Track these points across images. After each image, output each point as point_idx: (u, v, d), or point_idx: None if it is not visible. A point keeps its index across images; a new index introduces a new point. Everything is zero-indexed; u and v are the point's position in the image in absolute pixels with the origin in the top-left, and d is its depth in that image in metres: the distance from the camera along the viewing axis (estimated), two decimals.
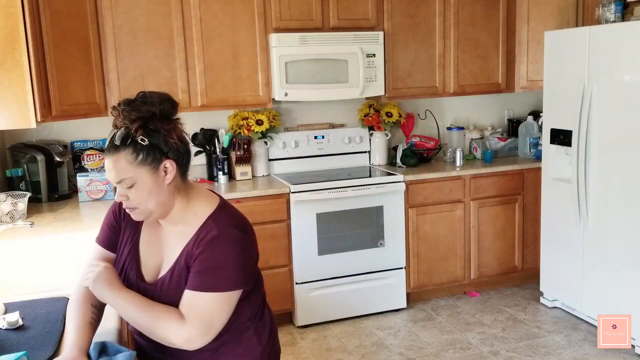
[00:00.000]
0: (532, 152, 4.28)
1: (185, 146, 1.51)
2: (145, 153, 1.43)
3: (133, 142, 1.43)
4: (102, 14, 3.32)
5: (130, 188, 1.45)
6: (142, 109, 1.43)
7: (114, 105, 1.46)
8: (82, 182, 3.34)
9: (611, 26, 3.38)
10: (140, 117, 1.42)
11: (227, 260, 1.48)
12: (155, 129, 1.44)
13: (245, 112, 3.86)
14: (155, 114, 1.44)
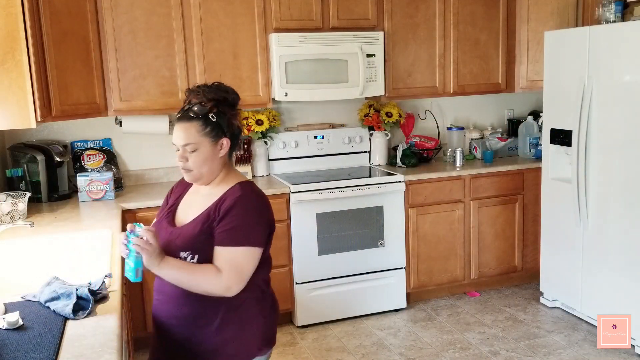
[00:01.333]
0: (532, 152, 4.28)
1: (240, 132, 1.84)
2: (211, 127, 1.76)
3: (205, 117, 1.75)
4: (102, 14, 3.32)
5: (192, 152, 1.76)
6: (218, 93, 1.78)
7: (191, 87, 1.81)
8: (82, 182, 3.34)
9: (611, 26, 3.38)
10: (215, 99, 1.76)
11: (252, 220, 1.76)
12: (223, 111, 1.77)
13: (245, 112, 3.86)
14: (226, 99, 1.79)
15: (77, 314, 1.63)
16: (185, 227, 1.81)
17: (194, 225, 1.78)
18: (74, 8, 3.16)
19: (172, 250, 1.76)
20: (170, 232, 1.82)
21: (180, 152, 1.77)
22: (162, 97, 3.50)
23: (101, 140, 3.75)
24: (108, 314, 1.66)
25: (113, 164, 3.70)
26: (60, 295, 1.69)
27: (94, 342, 1.48)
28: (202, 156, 1.77)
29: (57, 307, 1.65)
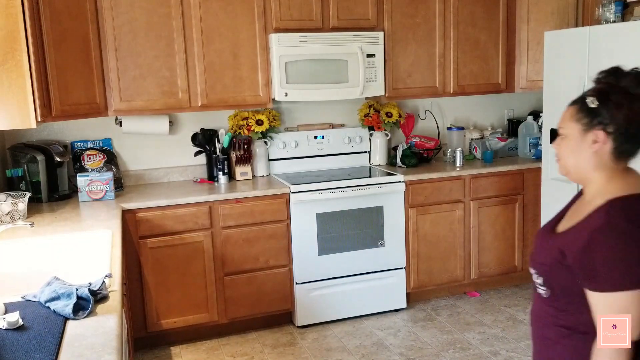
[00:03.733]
0: (532, 152, 4.28)
1: (634, 129, 1.41)
2: (584, 113, 1.49)
3: (582, 101, 1.51)
4: (102, 14, 3.32)
5: (562, 139, 1.53)
6: (605, 79, 1.54)
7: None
8: (82, 182, 3.34)
9: (611, 26, 3.38)
10: (599, 84, 1.53)
11: (616, 255, 1.36)
12: (611, 98, 1.45)
13: (245, 112, 3.86)
14: (613, 85, 1.47)
15: (77, 314, 1.63)
16: (554, 238, 1.51)
17: (556, 238, 1.49)
18: (74, 8, 3.16)
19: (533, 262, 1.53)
20: (542, 237, 1.57)
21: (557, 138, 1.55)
22: (162, 97, 3.50)
23: (101, 140, 3.75)
24: (108, 314, 1.66)
25: (113, 164, 3.70)
26: (60, 295, 1.69)
27: (94, 342, 1.48)
28: (569, 145, 1.50)
29: (57, 307, 1.65)
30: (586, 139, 1.47)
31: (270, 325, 3.72)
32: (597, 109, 1.46)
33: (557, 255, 1.45)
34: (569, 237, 1.45)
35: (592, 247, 1.36)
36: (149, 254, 3.32)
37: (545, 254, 1.50)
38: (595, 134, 1.45)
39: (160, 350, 3.46)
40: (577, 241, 1.40)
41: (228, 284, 3.51)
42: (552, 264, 1.46)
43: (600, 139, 1.44)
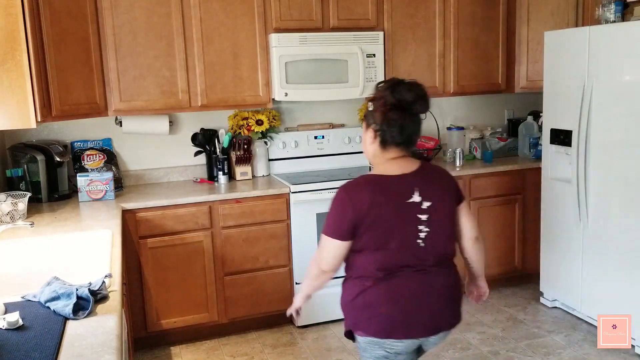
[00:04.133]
0: (532, 152, 4.28)
1: (386, 125, 1.87)
2: (365, 116, 1.95)
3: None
4: (102, 14, 3.32)
5: (362, 135, 1.99)
6: (376, 88, 1.94)
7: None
8: (82, 182, 3.34)
9: (611, 26, 3.38)
10: (375, 92, 1.93)
11: (329, 211, 1.92)
12: (373, 105, 1.91)
13: (245, 112, 3.86)
14: (374, 96, 1.92)
15: (77, 314, 1.63)
16: None
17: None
18: (74, 8, 3.16)
19: None
20: None
21: None
22: (162, 97, 3.50)
23: (101, 140, 3.75)
24: (108, 314, 1.66)
25: (113, 164, 3.70)
26: (60, 295, 1.69)
27: (94, 342, 1.48)
28: (364, 140, 1.98)
29: (57, 307, 1.65)
30: (367, 135, 1.94)
31: (270, 325, 3.72)
32: (369, 112, 1.92)
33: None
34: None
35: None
36: (149, 254, 3.32)
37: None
38: (369, 131, 1.92)
39: (160, 350, 3.46)
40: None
41: (228, 284, 3.51)
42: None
43: (370, 134, 1.92)
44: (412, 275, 1.87)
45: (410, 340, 1.90)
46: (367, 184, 1.88)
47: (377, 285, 1.86)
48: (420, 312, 1.88)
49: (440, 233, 1.91)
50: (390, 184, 1.87)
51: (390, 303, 1.86)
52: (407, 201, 1.85)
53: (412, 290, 1.87)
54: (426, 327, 1.90)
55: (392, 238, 1.84)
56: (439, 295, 1.91)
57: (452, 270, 1.97)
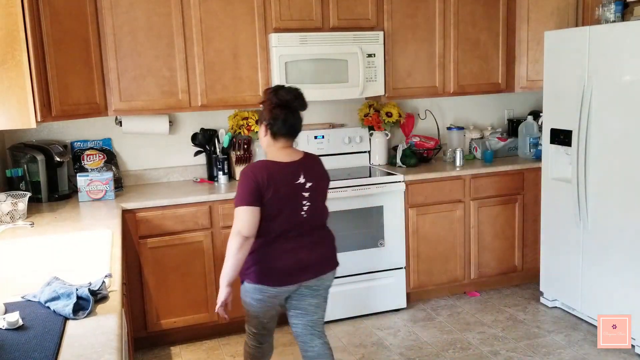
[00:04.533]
0: (532, 152, 4.28)
1: (273, 120, 2.38)
2: (259, 116, 2.72)
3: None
4: (102, 14, 3.32)
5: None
6: (266, 93, 2.49)
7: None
8: (82, 182, 3.34)
9: (611, 26, 3.38)
10: (265, 95, 2.49)
11: (237, 189, 2.36)
12: (263, 105, 2.46)
13: (245, 112, 3.86)
14: (263, 100, 2.48)
15: (77, 314, 1.63)
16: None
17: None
18: (74, 8, 3.16)
19: None
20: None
21: None
22: (162, 97, 3.50)
23: (101, 140, 3.75)
24: (108, 314, 1.66)
25: (113, 164, 3.70)
26: (60, 295, 1.70)
27: (94, 342, 1.48)
28: (260, 134, 2.49)
29: (57, 307, 1.65)
30: (261, 130, 2.45)
31: None
32: (261, 112, 2.45)
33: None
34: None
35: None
36: (149, 254, 3.32)
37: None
38: (261, 126, 2.45)
39: (160, 350, 3.46)
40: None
41: None
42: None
43: (262, 129, 2.44)
44: (296, 238, 2.41)
45: (287, 286, 2.43)
46: (265, 166, 2.37)
47: (270, 245, 2.38)
48: (298, 266, 2.41)
49: (317, 207, 2.46)
50: (282, 168, 2.38)
51: (276, 260, 2.38)
52: (295, 182, 2.37)
53: (295, 250, 2.40)
54: (302, 276, 2.43)
55: (284, 209, 2.36)
56: (312, 252, 2.45)
57: (325, 233, 2.54)
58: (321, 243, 2.51)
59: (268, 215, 2.33)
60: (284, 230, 2.38)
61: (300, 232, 2.41)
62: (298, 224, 2.40)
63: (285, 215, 2.36)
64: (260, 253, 2.38)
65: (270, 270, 2.38)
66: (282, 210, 2.35)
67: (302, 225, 2.41)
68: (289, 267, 2.39)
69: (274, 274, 2.39)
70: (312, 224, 2.45)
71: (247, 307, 2.50)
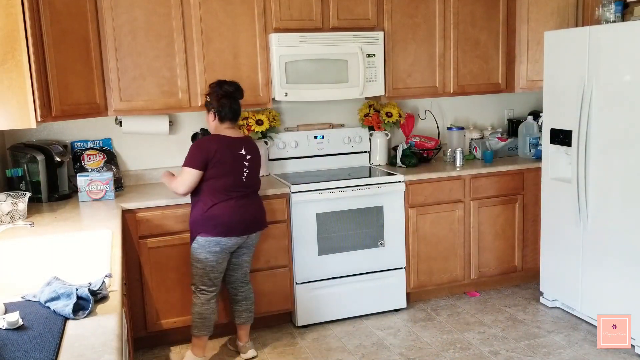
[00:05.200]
0: (532, 152, 4.28)
1: (218, 107, 3.07)
2: (206, 105, 3.16)
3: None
4: (102, 14, 3.32)
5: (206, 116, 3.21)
6: (211, 86, 3.17)
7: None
8: (82, 182, 3.34)
9: (611, 26, 3.39)
10: (210, 89, 3.17)
11: (188, 154, 3.06)
12: (211, 96, 3.13)
13: (245, 112, 3.86)
14: (209, 92, 3.15)
15: (77, 314, 1.63)
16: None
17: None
18: (74, 8, 3.16)
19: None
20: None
21: None
22: (162, 97, 3.50)
23: (101, 140, 3.75)
24: (108, 314, 1.66)
25: (113, 164, 3.70)
26: (60, 295, 1.70)
27: (94, 342, 1.48)
28: (207, 119, 3.17)
29: (57, 307, 1.65)
30: (210, 116, 3.12)
31: (270, 325, 3.72)
32: (208, 103, 3.12)
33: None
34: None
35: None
36: (149, 254, 3.32)
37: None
38: (211, 114, 3.10)
39: (160, 350, 3.46)
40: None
41: None
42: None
43: (211, 115, 3.11)
44: (239, 198, 3.07)
45: (237, 237, 3.08)
46: (216, 138, 3.06)
47: (220, 203, 3.01)
48: (243, 220, 3.08)
49: (254, 175, 3.14)
50: (229, 140, 3.06)
51: (228, 215, 3.02)
52: (238, 152, 3.05)
53: (240, 207, 3.06)
54: (247, 230, 3.11)
55: (230, 172, 3.02)
56: (252, 211, 3.14)
57: (259, 199, 3.24)
58: (258, 206, 3.20)
59: (216, 174, 2.99)
60: (229, 189, 3.02)
61: (243, 194, 3.08)
62: (240, 185, 3.06)
63: (230, 177, 3.02)
64: (214, 210, 3.00)
65: (224, 224, 3.01)
66: (227, 172, 3.01)
67: (244, 187, 3.08)
68: (239, 222, 3.05)
69: (228, 226, 3.02)
70: (251, 188, 3.13)
71: (201, 264, 3.06)
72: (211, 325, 3.17)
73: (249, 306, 3.33)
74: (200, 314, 3.12)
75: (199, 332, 3.15)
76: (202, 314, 3.12)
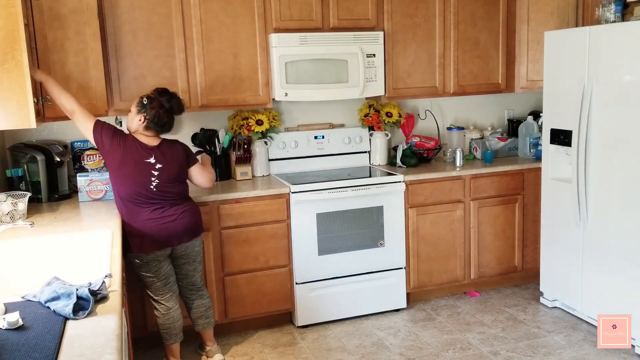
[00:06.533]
0: (532, 152, 4.28)
1: (156, 120, 2.95)
2: (140, 105, 2.97)
3: (141, 98, 2.99)
4: (102, 14, 3.32)
5: (128, 114, 3.04)
6: (154, 93, 3.01)
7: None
8: (82, 182, 3.34)
9: (611, 26, 3.38)
10: (152, 94, 3.01)
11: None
12: (149, 102, 2.96)
13: (245, 112, 3.86)
14: (150, 96, 2.99)
15: (77, 314, 1.63)
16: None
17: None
18: None
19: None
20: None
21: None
22: None
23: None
24: (108, 314, 1.66)
25: None
26: (60, 295, 1.70)
27: (94, 342, 1.48)
28: (130, 117, 3.03)
29: (57, 307, 1.65)
30: (137, 117, 2.96)
31: (270, 325, 3.72)
32: (144, 105, 2.95)
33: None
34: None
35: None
36: None
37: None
38: (140, 117, 2.95)
39: (160, 350, 3.46)
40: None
41: (228, 284, 3.51)
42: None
43: (142, 120, 2.95)
44: (155, 209, 2.94)
45: (160, 251, 2.98)
46: (130, 138, 2.94)
47: (133, 216, 2.93)
48: (165, 233, 2.96)
49: (168, 182, 2.97)
50: (140, 146, 2.93)
51: (150, 229, 2.93)
52: (145, 160, 2.92)
53: (159, 219, 2.94)
54: (172, 244, 3.00)
55: (132, 177, 2.91)
56: (178, 220, 2.99)
57: (187, 207, 3.05)
58: (182, 216, 3.01)
59: (117, 176, 2.92)
60: (134, 195, 2.91)
61: (154, 202, 2.95)
62: (148, 193, 2.92)
63: (133, 182, 2.91)
64: (128, 223, 2.92)
65: (149, 239, 2.93)
66: (130, 177, 2.90)
67: (153, 195, 2.93)
68: (156, 234, 2.93)
69: (155, 241, 2.94)
70: (164, 197, 2.97)
71: (143, 278, 3.05)
72: (178, 332, 3.15)
73: (203, 312, 3.24)
74: (163, 325, 3.11)
75: (167, 341, 3.15)
76: (165, 324, 3.11)
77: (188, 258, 3.12)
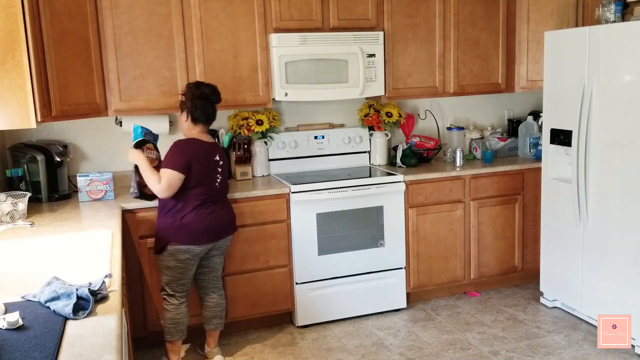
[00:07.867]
0: (532, 152, 4.28)
1: (194, 108, 2.99)
2: (180, 104, 3.10)
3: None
4: (102, 14, 3.32)
5: (179, 117, 3.16)
6: (187, 86, 3.09)
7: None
8: (82, 182, 3.34)
9: (611, 26, 3.38)
10: (186, 88, 3.08)
11: (169, 155, 2.95)
12: (186, 96, 3.05)
13: (245, 112, 3.86)
14: (185, 92, 3.07)
15: (77, 314, 1.63)
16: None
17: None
18: (74, 8, 3.15)
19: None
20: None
21: None
22: (162, 97, 3.49)
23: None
24: (108, 314, 1.66)
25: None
26: (60, 295, 1.70)
27: (94, 342, 1.48)
28: (180, 119, 3.13)
29: (57, 307, 1.65)
30: (183, 116, 3.03)
31: (270, 325, 3.72)
32: (182, 103, 3.04)
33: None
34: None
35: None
36: (149, 254, 3.32)
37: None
38: (184, 115, 3.02)
39: (160, 350, 3.46)
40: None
41: (228, 284, 3.51)
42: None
43: (184, 115, 3.02)
44: (211, 205, 3.02)
45: (205, 245, 3.04)
46: (195, 142, 2.99)
47: (193, 211, 2.96)
48: (214, 226, 3.04)
49: (224, 180, 3.12)
50: (205, 146, 3.01)
51: (199, 223, 2.97)
52: (213, 158, 3.02)
53: (210, 213, 3.01)
54: (217, 236, 3.08)
55: (204, 179, 2.97)
56: (223, 216, 3.09)
57: (227, 201, 3.21)
58: (227, 210, 3.16)
59: (190, 183, 2.93)
60: (202, 197, 2.98)
61: (214, 200, 3.04)
62: (213, 193, 3.03)
63: (204, 185, 2.97)
64: (186, 219, 2.96)
65: (195, 232, 2.97)
66: (202, 180, 2.96)
67: (216, 194, 3.06)
68: (210, 228, 3.01)
69: (199, 234, 2.98)
70: (221, 194, 3.12)
71: (170, 272, 3.04)
72: (184, 329, 3.16)
73: (219, 312, 3.26)
74: (172, 319, 3.11)
75: (172, 337, 3.14)
76: (174, 319, 3.11)
77: (219, 251, 3.19)
